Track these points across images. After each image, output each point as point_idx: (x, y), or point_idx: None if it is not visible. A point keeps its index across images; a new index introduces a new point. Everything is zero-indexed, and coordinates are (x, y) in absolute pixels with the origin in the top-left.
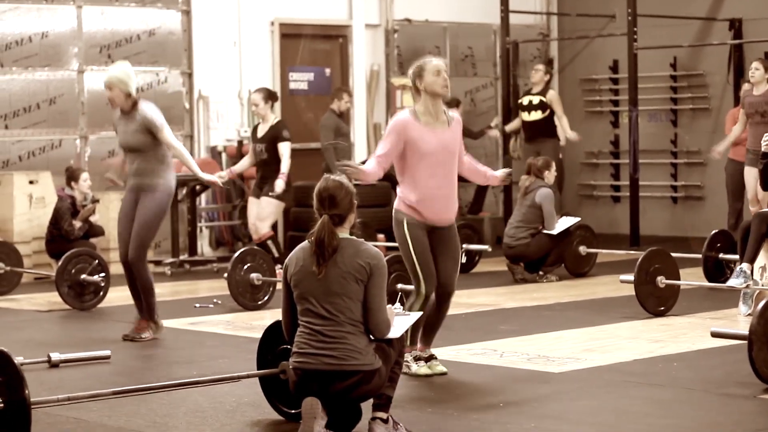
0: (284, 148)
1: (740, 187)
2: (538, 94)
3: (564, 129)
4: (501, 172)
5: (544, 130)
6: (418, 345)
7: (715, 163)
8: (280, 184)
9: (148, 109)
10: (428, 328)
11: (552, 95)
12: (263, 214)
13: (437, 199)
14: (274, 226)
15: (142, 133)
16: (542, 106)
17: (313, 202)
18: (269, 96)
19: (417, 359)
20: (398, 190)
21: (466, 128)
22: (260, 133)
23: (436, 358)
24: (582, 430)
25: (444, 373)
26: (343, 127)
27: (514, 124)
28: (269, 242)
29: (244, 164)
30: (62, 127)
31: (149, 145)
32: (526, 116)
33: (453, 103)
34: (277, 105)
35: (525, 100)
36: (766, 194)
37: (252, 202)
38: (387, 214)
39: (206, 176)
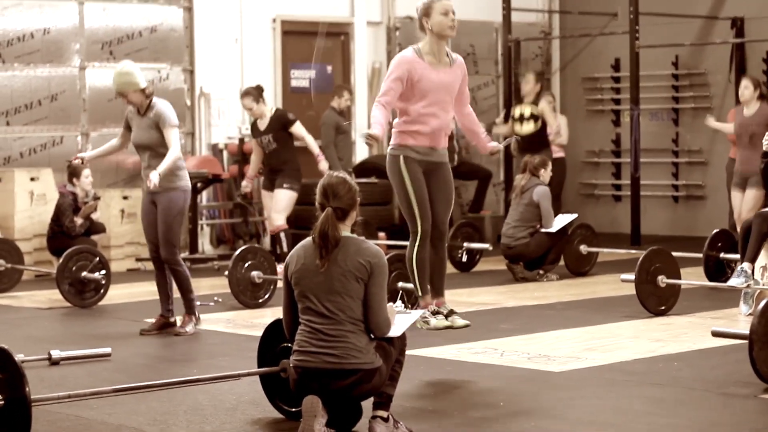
0: (299, 129)
1: None
2: (529, 105)
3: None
4: (495, 144)
5: (538, 142)
6: (430, 298)
7: (716, 162)
8: (324, 165)
9: (163, 106)
10: (433, 277)
11: (543, 106)
12: (279, 206)
13: (435, 131)
14: (290, 220)
15: (154, 130)
16: (534, 117)
17: (316, 197)
18: (258, 94)
19: (435, 313)
20: (394, 125)
21: None
22: (262, 126)
23: (456, 313)
24: (582, 429)
25: (467, 326)
26: (343, 124)
27: (506, 129)
28: (282, 234)
29: (255, 163)
30: (64, 123)
31: (162, 142)
32: (518, 128)
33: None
34: (279, 102)
35: (517, 112)
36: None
37: (265, 195)
38: (388, 212)
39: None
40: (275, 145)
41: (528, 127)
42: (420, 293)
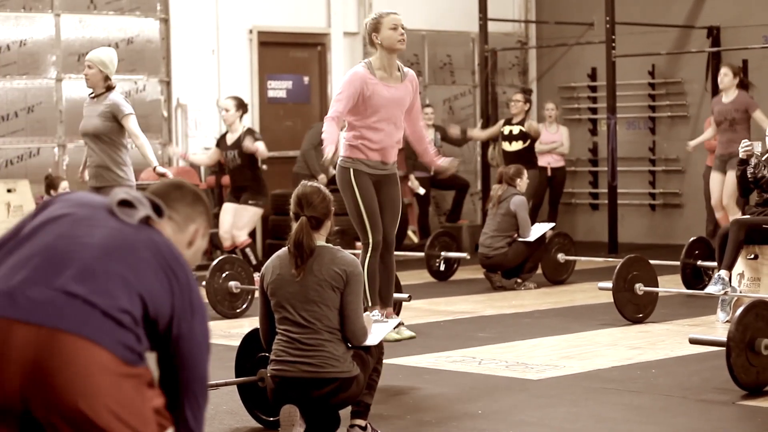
0: (259, 144)
1: None
2: (518, 124)
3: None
4: (444, 161)
5: (525, 160)
6: (379, 308)
7: (693, 170)
8: (261, 146)
9: (116, 96)
10: (381, 288)
11: (530, 125)
12: (241, 222)
13: (385, 145)
14: (251, 234)
15: (105, 119)
16: (522, 136)
17: (291, 206)
18: (240, 105)
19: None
20: (343, 136)
21: (448, 135)
22: (230, 141)
23: (403, 324)
24: None
25: (413, 337)
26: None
27: (491, 131)
28: (248, 250)
29: (202, 159)
30: (40, 135)
31: (109, 132)
32: (507, 146)
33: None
34: (255, 113)
35: (506, 130)
36: (731, 199)
37: (226, 209)
38: None
39: (161, 169)
40: (239, 161)
41: (515, 146)
42: (370, 303)
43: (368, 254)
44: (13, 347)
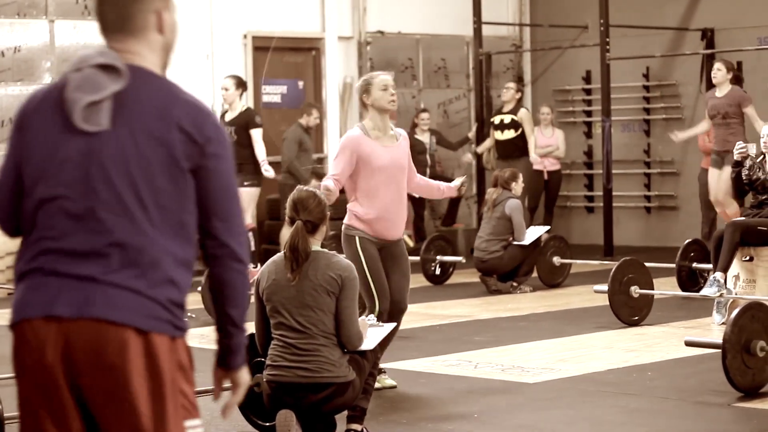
0: (257, 135)
1: None
2: (509, 112)
3: (530, 148)
4: (456, 183)
5: (517, 148)
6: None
7: (688, 172)
8: (270, 173)
9: None
10: (380, 344)
11: (523, 114)
12: (242, 205)
13: (391, 214)
14: (263, 235)
15: None
16: (514, 125)
17: (286, 211)
18: (240, 84)
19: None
20: (349, 206)
21: (445, 140)
22: (228, 117)
23: (384, 372)
24: None
25: (393, 387)
26: (307, 141)
27: (486, 144)
28: (249, 234)
29: None
30: None
31: None
32: (498, 135)
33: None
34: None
35: (497, 119)
36: (728, 196)
37: None
38: None
39: None
40: (235, 138)
41: (507, 134)
42: None
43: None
44: None
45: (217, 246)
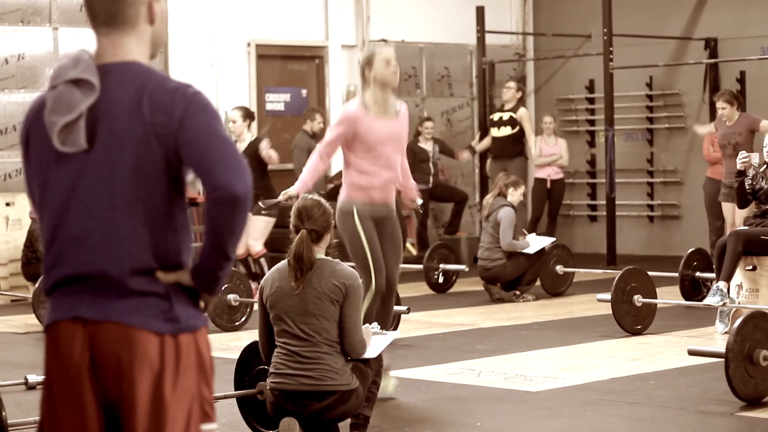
0: (264, 144)
1: (718, 204)
2: (509, 110)
3: (529, 148)
4: (414, 199)
5: (512, 147)
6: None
7: (691, 181)
8: (274, 155)
9: None
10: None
11: (522, 112)
12: (256, 233)
13: (384, 184)
14: (265, 243)
15: None
16: (512, 122)
17: (291, 219)
18: (247, 115)
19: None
20: (344, 178)
21: (448, 148)
22: (239, 149)
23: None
24: None
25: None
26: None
27: (485, 143)
28: (262, 260)
29: None
30: None
31: None
32: (495, 132)
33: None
34: (254, 125)
35: (495, 116)
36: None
37: None
38: None
39: None
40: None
41: (503, 131)
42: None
43: (369, 299)
44: None
45: (216, 188)
